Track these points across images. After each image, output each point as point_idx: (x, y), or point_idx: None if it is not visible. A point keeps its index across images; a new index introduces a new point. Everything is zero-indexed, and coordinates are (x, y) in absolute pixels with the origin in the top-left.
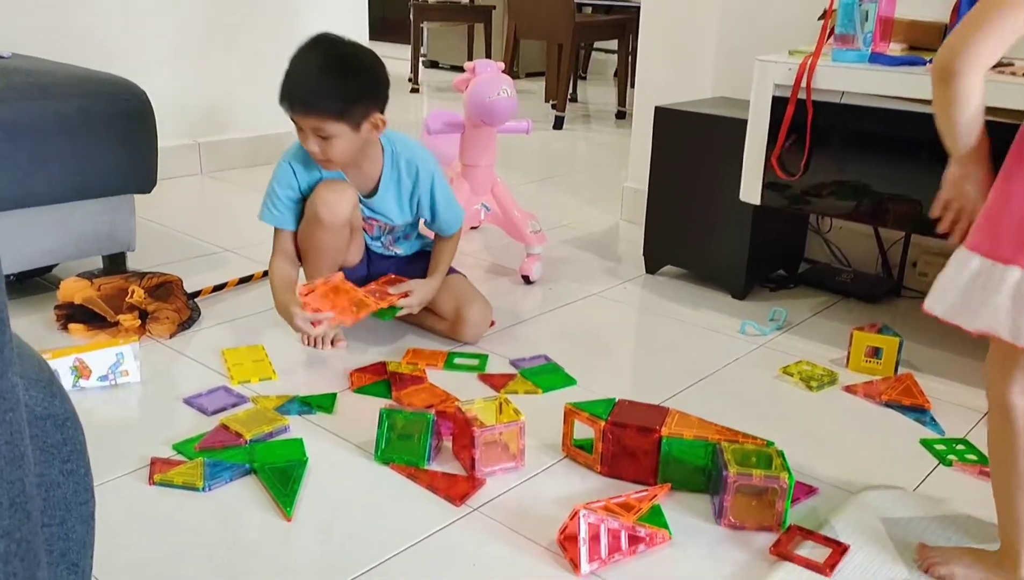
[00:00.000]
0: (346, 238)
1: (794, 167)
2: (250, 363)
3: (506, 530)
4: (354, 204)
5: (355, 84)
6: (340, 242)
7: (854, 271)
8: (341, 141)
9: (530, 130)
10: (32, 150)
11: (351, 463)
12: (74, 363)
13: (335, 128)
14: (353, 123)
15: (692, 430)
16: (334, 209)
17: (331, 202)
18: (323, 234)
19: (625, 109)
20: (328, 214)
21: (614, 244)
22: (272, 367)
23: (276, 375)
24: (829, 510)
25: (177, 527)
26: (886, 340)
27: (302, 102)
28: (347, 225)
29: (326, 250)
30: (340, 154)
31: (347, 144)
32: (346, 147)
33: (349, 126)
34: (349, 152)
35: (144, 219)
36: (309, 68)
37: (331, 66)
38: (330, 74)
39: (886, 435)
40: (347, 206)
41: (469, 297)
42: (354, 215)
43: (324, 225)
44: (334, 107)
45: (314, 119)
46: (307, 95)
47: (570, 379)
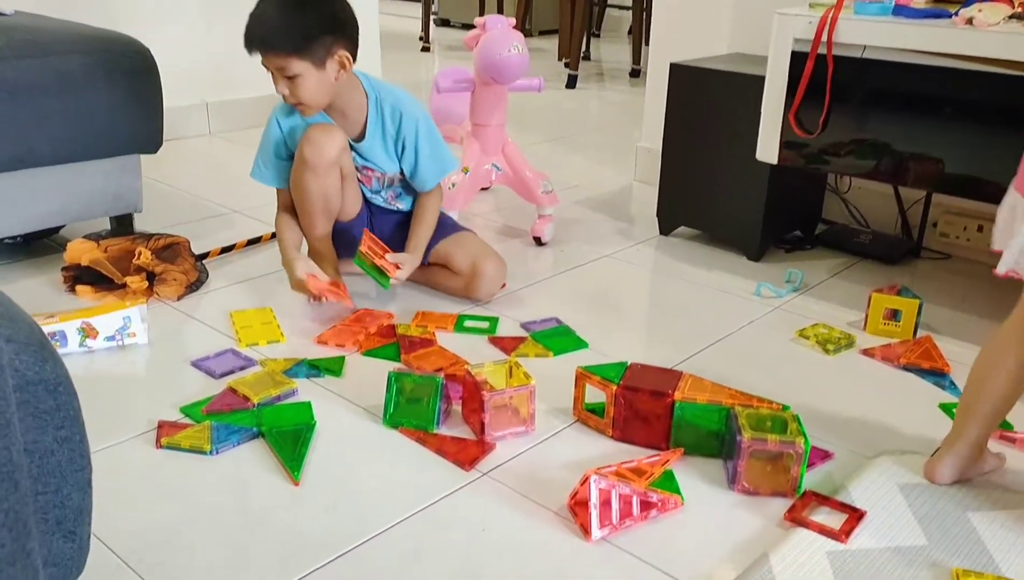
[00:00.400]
0: (336, 184)
1: (812, 125)
2: (259, 325)
3: (516, 495)
4: (342, 146)
5: (313, 19)
6: (330, 188)
7: (873, 232)
8: (307, 80)
9: (542, 88)
10: (34, 109)
11: (359, 427)
12: (81, 326)
13: (297, 66)
14: (316, 60)
15: (705, 394)
16: (320, 148)
17: (317, 140)
18: (311, 177)
19: (639, 67)
20: (314, 154)
21: (627, 205)
22: (280, 330)
23: (284, 338)
24: (845, 475)
25: (184, 492)
26: (905, 302)
27: (260, 41)
28: (335, 168)
29: (315, 196)
30: (310, 95)
31: (314, 83)
32: (314, 87)
33: (312, 63)
34: (319, 93)
35: (152, 180)
36: (266, 7)
37: (287, 3)
38: (286, 10)
39: (904, 399)
40: (334, 146)
41: (485, 252)
42: (343, 160)
43: (310, 166)
44: (292, 43)
45: (274, 57)
46: (264, 33)
47: (582, 342)
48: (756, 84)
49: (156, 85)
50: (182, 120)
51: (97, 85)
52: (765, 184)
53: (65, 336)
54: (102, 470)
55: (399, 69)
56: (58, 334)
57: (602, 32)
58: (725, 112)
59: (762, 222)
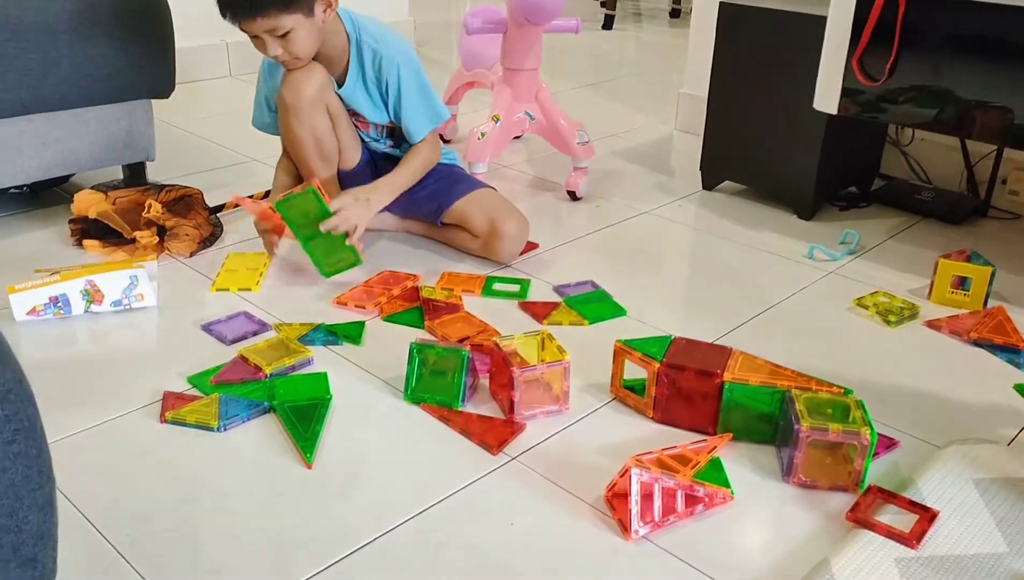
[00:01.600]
0: (325, 125)
1: (878, 72)
2: (243, 271)
3: (547, 483)
4: (321, 82)
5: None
6: (319, 128)
7: (935, 188)
8: (300, 32)
9: (579, 29)
10: (40, 52)
11: (378, 402)
12: (85, 287)
13: (289, 20)
14: (305, 8)
15: (759, 375)
16: (298, 88)
17: (294, 82)
18: (295, 121)
19: (680, 7)
20: (292, 94)
21: (668, 156)
22: (259, 279)
23: (258, 287)
24: (912, 467)
25: (187, 473)
26: (976, 269)
27: (245, 5)
28: (319, 107)
29: (305, 140)
30: (305, 46)
31: (307, 34)
32: (308, 37)
33: (302, 13)
34: (313, 42)
35: (167, 125)
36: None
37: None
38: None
39: (975, 379)
40: (312, 84)
41: (504, 210)
42: (328, 98)
43: (291, 107)
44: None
45: (263, 20)
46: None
47: (619, 309)
48: (816, 25)
49: (168, 25)
50: (200, 61)
51: (105, 25)
52: (820, 136)
53: (69, 302)
54: (100, 447)
55: (430, 7)
56: (61, 299)
57: None
58: (780, 56)
59: (816, 177)
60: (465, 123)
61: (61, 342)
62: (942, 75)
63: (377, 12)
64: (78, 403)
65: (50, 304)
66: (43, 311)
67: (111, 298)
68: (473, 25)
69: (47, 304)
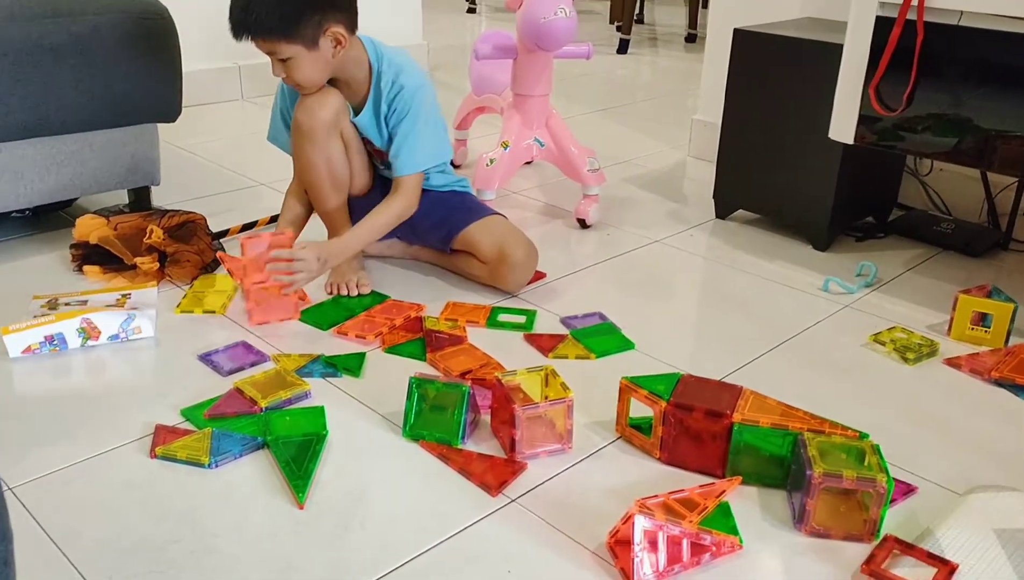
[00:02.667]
0: (338, 150)
1: (895, 101)
2: (212, 294)
3: (548, 528)
4: (336, 108)
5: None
6: (332, 154)
7: (954, 220)
8: (301, 63)
9: (591, 55)
10: (45, 75)
11: (376, 438)
12: (81, 325)
13: (288, 49)
14: (306, 42)
15: (770, 416)
16: (313, 112)
17: (310, 106)
18: (308, 145)
19: (696, 32)
20: (307, 117)
21: (680, 184)
22: (226, 302)
23: (224, 310)
24: (931, 515)
25: (175, 512)
26: (997, 305)
27: (244, 27)
28: (333, 132)
29: (317, 164)
30: (306, 77)
31: (309, 65)
32: (309, 69)
33: (303, 46)
34: (315, 73)
35: (176, 147)
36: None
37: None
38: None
39: (997, 420)
40: (328, 109)
41: (513, 237)
42: (343, 123)
43: (304, 130)
44: (278, 28)
45: (263, 42)
46: (245, 18)
47: (627, 342)
48: (832, 53)
49: (175, 49)
50: (213, 83)
51: (111, 49)
52: (836, 165)
53: (64, 339)
54: (88, 482)
55: (443, 32)
56: (57, 338)
57: None
58: (795, 84)
59: (831, 207)
60: (475, 148)
61: (56, 374)
62: (961, 105)
63: (391, 36)
64: (69, 437)
65: (45, 342)
66: (38, 350)
67: (108, 333)
68: (483, 51)
69: (42, 342)
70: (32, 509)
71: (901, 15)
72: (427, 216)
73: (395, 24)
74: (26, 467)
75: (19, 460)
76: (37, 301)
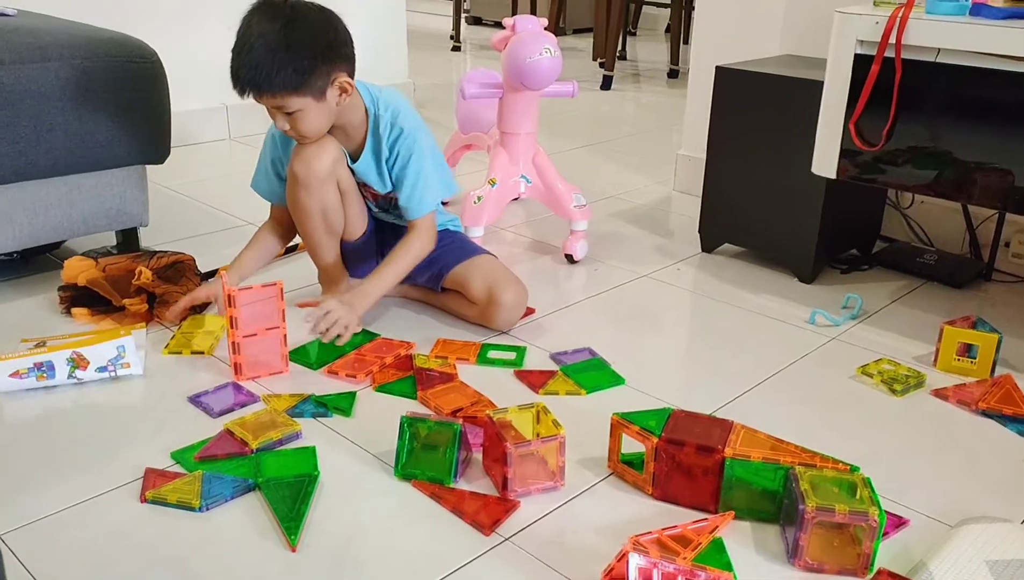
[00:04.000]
0: (334, 200)
1: (875, 136)
2: (200, 334)
3: (542, 566)
4: (334, 159)
5: (306, 52)
6: (328, 203)
7: (937, 251)
8: (308, 114)
9: (575, 93)
10: (33, 119)
11: (368, 478)
12: (71, 356)
13: (297, 102)
14: (315, 93)
15: (761, 450)
16: (310, 163)
17: (307, 156)
18: (304, 195)
19: (678, 68)
20: (304, 169)
21: (666, 218)
22: (214, 342)
23: (212, 351)
24: (924, 548)
25: (167, 557)
26: (982, 337)
27: (252, 84)
28: (329, 184)
29: (313, 214)
30: (312, 128)
31: (316, 116)
32: (316, 120)
33: (312, 97)
34: (321, 124)
35: (165, 188)
36: (252, 45)
37: (274, 37)
38: (275, 47)
39: (985, 452)
40: (325, 160)
41: (502, 278)
42: (341, 175)
43: (300, 182)
44: (288, 81)
45: (269, 98)
46: (255, 76)
47: (618, 378)
48: (812, 89)
49: (163, 92)
50: (200, 123)
51: (99, 92)
52: (820, 199)
53: (53, 367)
54: (78, 527)
55: (428, 69)
56: (45, 364)
57: (638, 30)
58: (777, 119)
59: (816, 240)
60: (462, 186)
61: (45, 415)
62: (940, 139)
63: (377, 74)
64: (59, 481)
65: (34, 368)
66: (26, 375)
67: (96, 364)
68: (469, 90)
69: (31, 368)
70: (23, 557)
71: (879, 53)
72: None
73: (381, 62)
74: (16, 512)
75: (8, 505)
76: (26, 344)
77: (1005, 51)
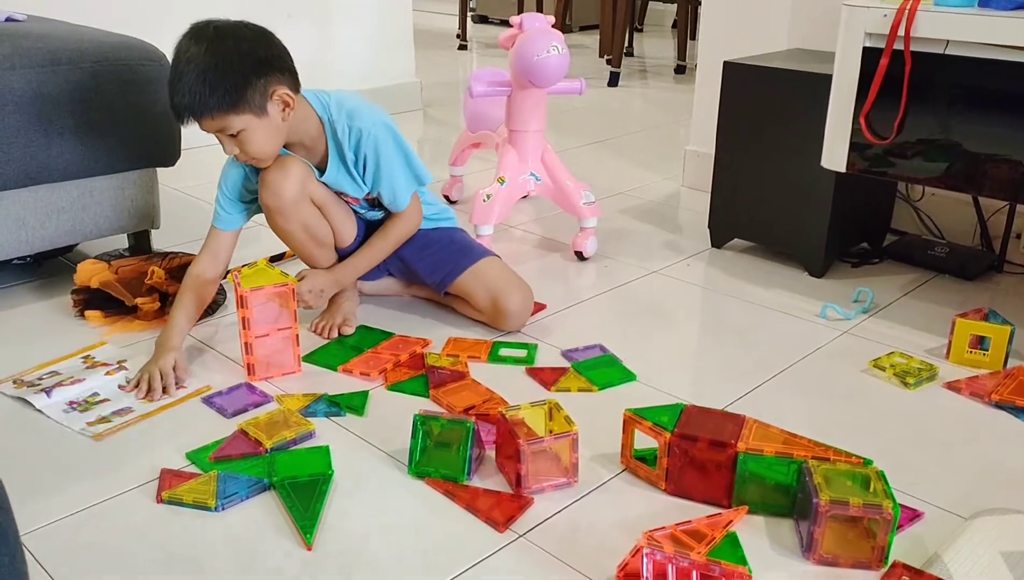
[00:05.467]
0: (312, 216)
1: (886, 129)
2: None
3: (556, 562)
4: (300, 179)
5: (236, 68)
6: (308, 220)
7: (948, 243)
8: (253, 134)
9: (583, 90)
10: (44, 123)
11: (382, 477)
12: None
13: (237, 121)
14: (255, 110)
15: (774, 445)
16: (276, 191)
17: (271, 183)
18: (280, 221)
19: (685, 63)
20: (271, 198)
21: (675, 214)
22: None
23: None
24: (938, 540)
25: (183, 557)
26: (994, 329)
27: (189, 109)
28: (303, 204)
29: (296, 235)
30: (260, 148)
31: (262, 135)
32: (263, 138)
33: (252, 114)
34: (269, 143)
35: (176, 190)
36: (182, 71)
37: (202, 59)
38: (205, 69)
39: (999, 443)
40: (291, 185)
41: (505, 285)
42: (312, 191)
43: (272, 210)
44: (222, 102)
45: (209, 121)
46: (191, 101)
47: (629, 374)
48: (821, 84)
49: None
50: None
51: (111, 96)
52: (830, 193)
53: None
54: (95, 528)
55: (435, 68)
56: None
57: (645, 26)
58: (786, 114)
59: (826, 234)
60: (471, 184)
61: None
62: (950, 131)
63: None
64: (76, 483)
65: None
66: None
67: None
68: (477, 89)
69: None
70: (41, 558)
71: (888, 46)
72: (420, 258)
73: (388, 62)
74: (34, 513)
75: (27, 506)
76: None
77: (1014, 42)
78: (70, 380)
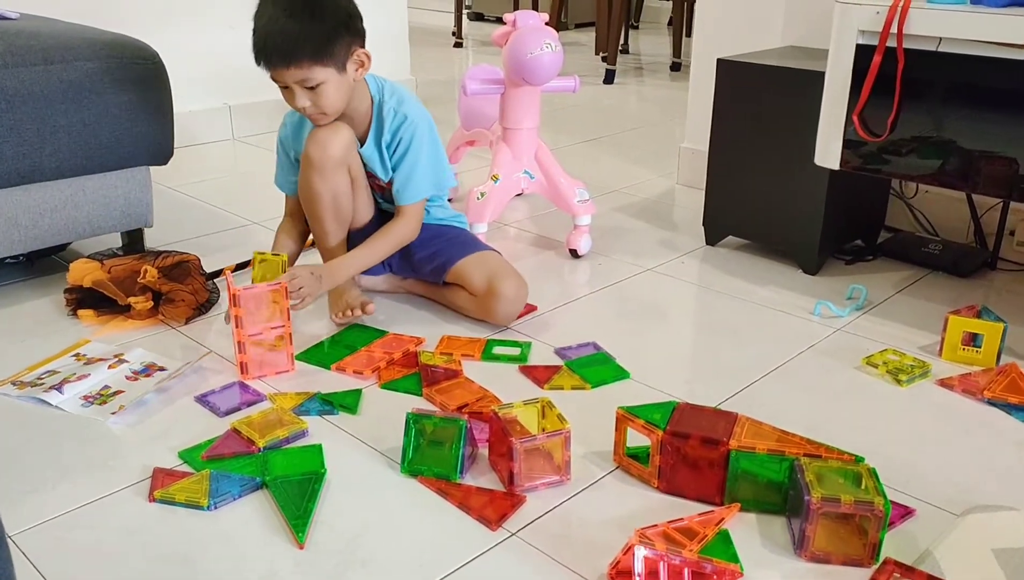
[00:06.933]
0: (345, 185)
1: (879, 126)
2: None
3: (549, 560)
4: (348, 143)
5: (329, 20)
6: (339, 188)
7: (942, 240)
8: (330, 87)
9: (577, 88)
10: (37, 121)
11: (374, 475)
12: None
13: (321, 73)
14: (338, 64)
15: (766, 442)
16: (324, 145)
17: (322, 139)
18: (317, 178)
19: (680, 61)
20: (318, 151)
21: (670, 212)
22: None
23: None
24: (930, 537)
25: (176, 556)
26: (987, 325)
27: (280, 53)
28: (342, 169)
29: (324, 198)
30: (333, 102)
31: (336, 89)
32: (337, 93)
33: (335, 68)
34: (342, 99)
35: (168, 188)
36: (276, 17)
37: (297, 8)
38: (300, 17)
39: (991, 440)
40: (340, 143)
41: (504, 271)
42: (351, 159)
43: (315, 165)
44: (315, 50)
45: (296, 69)
46: (283, 45)
47: (622, 371)
48: (814, 81)
49: (166, 93)
50: (203, 124)
51: (104, 95)
52: (824, 190)
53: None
54: (87, 528)
55: (430, 66)
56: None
57: (640, 23)
58: (779, 111)
59: (820, 232)
60: (465, 182)
61: (52, 413)
62: (944, 128)
63: (379, 71)
64: (68, 481)
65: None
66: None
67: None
68: (471, 87)
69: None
70: (33, 558)
71: (881, 43)
72: (424, 247)
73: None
74: (25, 513)
75: (18, 506)
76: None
77: (1006, 39)
78: (75, 377)
